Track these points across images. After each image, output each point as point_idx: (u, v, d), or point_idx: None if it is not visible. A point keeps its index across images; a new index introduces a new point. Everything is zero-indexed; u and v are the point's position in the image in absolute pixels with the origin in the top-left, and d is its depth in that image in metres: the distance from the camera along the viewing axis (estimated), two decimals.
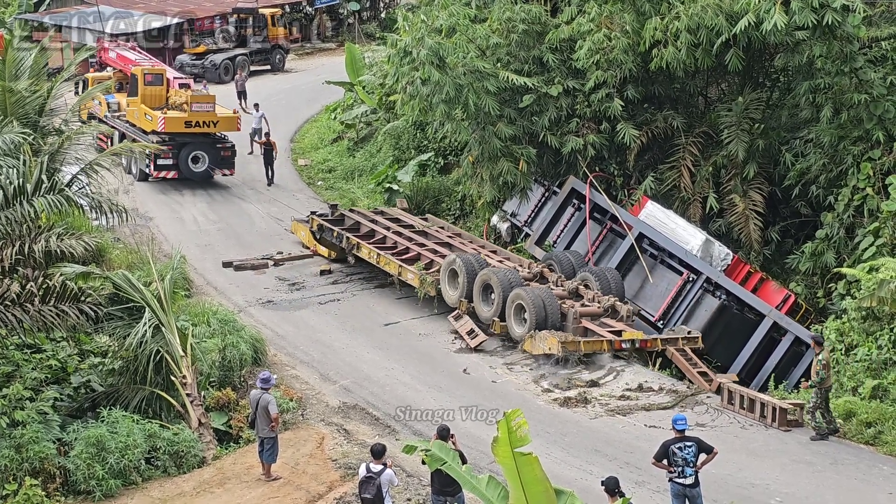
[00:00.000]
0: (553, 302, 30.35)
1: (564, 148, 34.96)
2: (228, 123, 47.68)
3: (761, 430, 25.53)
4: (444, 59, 33.69)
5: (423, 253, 35.04)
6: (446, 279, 32.86)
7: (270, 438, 23.55)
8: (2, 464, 22.46)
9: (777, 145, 33.11)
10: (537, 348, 29.63)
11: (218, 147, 47.51)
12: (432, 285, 33.23)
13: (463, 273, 32.21)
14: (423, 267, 34.12)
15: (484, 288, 31.70)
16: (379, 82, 51.10)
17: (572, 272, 33.02)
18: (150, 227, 41.94)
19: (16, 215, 23.17)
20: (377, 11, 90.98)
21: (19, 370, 25.82)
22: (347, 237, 36.72)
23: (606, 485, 18.08)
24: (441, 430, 20.25)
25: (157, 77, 49.00)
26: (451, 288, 32.72)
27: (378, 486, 19.69)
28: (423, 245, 35.78)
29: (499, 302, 31.07)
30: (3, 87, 33.75)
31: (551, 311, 30.10)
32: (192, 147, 46.81)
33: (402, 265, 34.33)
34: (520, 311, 30.48)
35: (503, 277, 31.29)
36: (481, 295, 31.76)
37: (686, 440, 20.30)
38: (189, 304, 32.63)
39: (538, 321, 29.87)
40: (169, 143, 46.27)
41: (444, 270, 33.01)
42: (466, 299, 32.20)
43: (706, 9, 31.14)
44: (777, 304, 30.89)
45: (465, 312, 32.21)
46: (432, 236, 37.02)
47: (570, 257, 33.89)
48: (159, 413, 25.69)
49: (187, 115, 46.36)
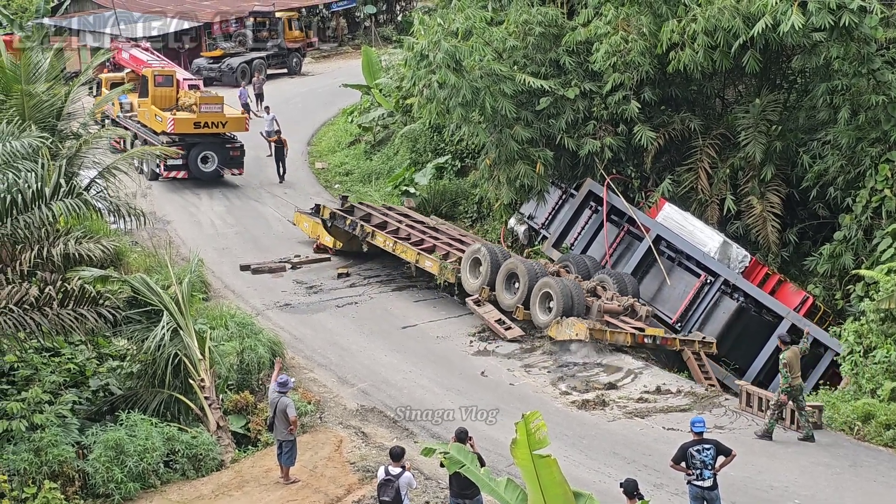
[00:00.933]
0: (580, 293, 31.10)
1: (581, 150, 34.94)
2: (237, 124, 48.45)
3: (779, 433, 25.44)
4: (460, 63, 33.69)
5: (439, 245, 35.64)
6: (468, 267, 33.53)
7: (289, 441, 23.57)
8: (21, 467, 22.52)
9: (795, 147, 33.04)
10: (563, 334, 30.18)
11: (227, 147, 48.22)
12: (452, 273, 33.80)
13: (487, 262, 32.90)
14: (440, 257, 34.64)
15: (508, 277, 32.45)
16: (396, 85, 51.14)
17: (588, 275, 33.34)
18: (167, 230, 42.03)
19: (34, 219, 23.22)
20: (394, 14, 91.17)
21: (38, 373, 25.85)
22: (362, 225, 37.23)
23: (625, 487, 18.14)
24: (459, 433, 20.26)
25: (167, 78, 49.72)
26: (472, 276, 33.38)
27: (397, 488, 19.74)
28: (436, 238, 36.45)
29: (524, 290, 31.76)
30: (21, 91, 33.85)
31: (578, 301, 30.82)
32: (202, 147, 47.47)
33: (421, 253, 35.01)
34: (545, 300, 31.17)
35: (530, 267, 32.19)
36: (505, 283, 32.48)
37: (704, 442, 20.24)
38: (207, 307, 32.66)
39: (565, 309, 30.51)
40: (179, 144, 46.58)
41: (466, 259, 33.70)
42: (489, 287, 32.76)
43: (723, 11, 31.07)
44: (795, 306, 30.87)
45: (486, 300, 32.72)
46: (443, 232, 37.65)
47: (586, 261, 34.22)
48: (177, 416, 25.72)
49: (196, 117, 47.11)
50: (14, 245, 24.28)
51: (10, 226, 22.93)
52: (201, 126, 47.16)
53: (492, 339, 31.80)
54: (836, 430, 25.57)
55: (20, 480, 22.43)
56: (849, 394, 27.12)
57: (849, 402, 26.16)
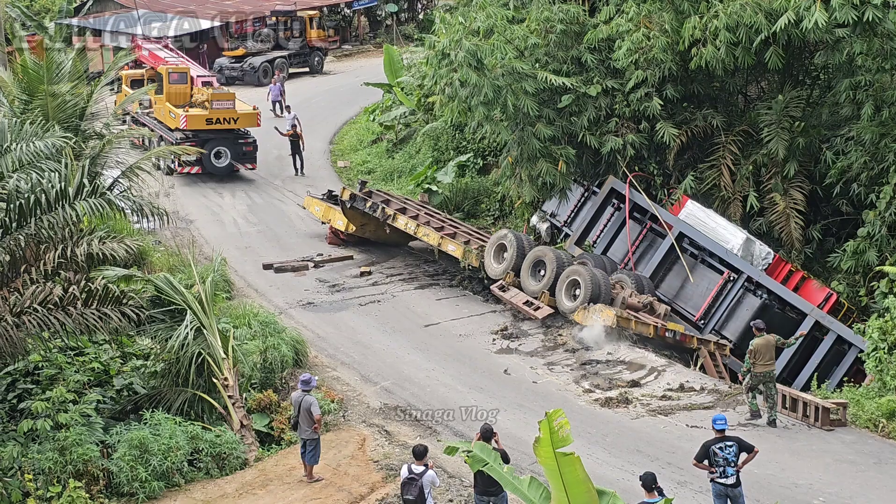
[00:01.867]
0: (607, 282, 31.88)
1: (604, 148, 34.88)
2: (248, 120, 49.26)
3: (804, 430, 25.40)
4: (481, 61, 33.66)
5: (459, 232, 36.48)
6: (492, 252, 34.37)
7: (313, 440, 23.62)
8: (46, 466, 22.61)
9: (818, 143, 32.91)
10: (590, 319, 30.85)
11: (240, 143, 49.24)
12: (476, 257, 34.66)
13: (513, 247, 33.74)
14: (463, 242, 35.38)
15: (535, 264, 33.21)
16: (417, 83, 51.14)
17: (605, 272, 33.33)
18: (190, 229, 42.15)
19: (58, 219, 23.28)
20: (415, 13, 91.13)
21: (62, 373, 25.96)
22: (384, 207, 37.83)
23: (644, 480, 18.35)
24: (485, 431, 20.30)
25: (181, 75, 50.64)
26: (495, 261, 34.20)
27: (420, 487, 19.80)
28: (456, 227, 37.28)
29: (550, 277, 32.52)
30: (45, 92, 33.99)
31: (605, 290, 31.58)
32: (215, 143, 48.33)
33: (445, 237, 35.82)
34: (572, 287, 31.97)
35: (558, 255, 33.04)
36: (530, 270, 33.22)
37: (727, 440, 20.25)
38: (230, 306, 32.74)
39: (592, 296, 31.26)
40: (192, 140, 47.37)
41: (491, 244, 34.59)
42: (514, 273, 33.48)
43: (745, 7, 31.00)
44: (819, 302, 30.79)
45: (510, 285, 33.42)
46: (460, 224, 38.50)
47: (604, 260, 34.56)
48: (201, 415, 25.78)
49: (208, 113, 48.02)
50: (38, 245, 24.37)
51: (34, 226, 23.00)
52: (213, 122, 48.04)
53: (515, 336, 31.81)
54: (860, 428, 25.51)
55: (45, 479, 22.52)
56: (873, 391, 27.08)
57: (873, 399, 26.10)
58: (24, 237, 23.14)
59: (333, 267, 38.34)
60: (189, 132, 47.91)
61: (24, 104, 34.50)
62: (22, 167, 24.04)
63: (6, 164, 23.81)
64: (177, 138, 47.69)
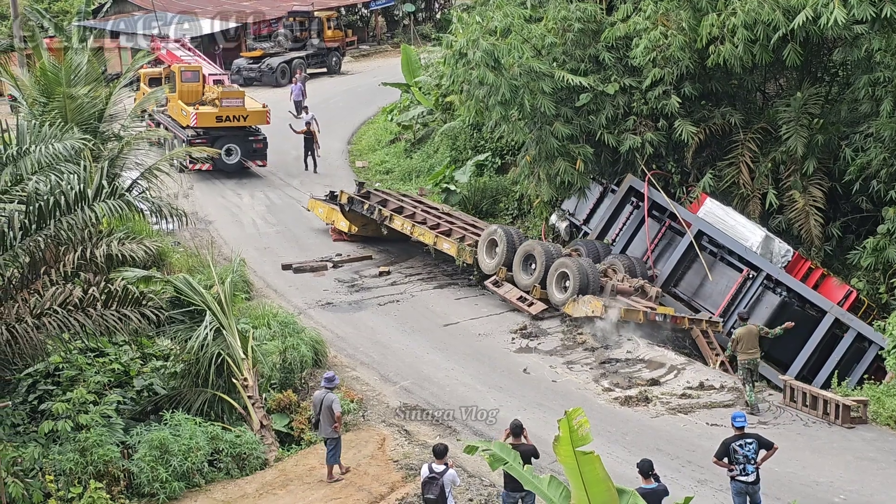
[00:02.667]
0: (595, 272, 32.53)
1: (622, 146, 34.84)
2: (258, 117, 50.01)
3: (824, 428, 25.35)
4: (498, 61, 33.67)
5: (455, 229, 36.98)
6: (484, 249, 35.08)
7: (333, 439, 23.67)
8: (67, 467, 22.66)
9: (837, 140, 32.79)
10: (580, 311, 31.71)
11: (250, 140, 50.09)
12: (470, 254, 35.26)
13: (503, 243, 34.40)
14: (458, 240, 36.01)
15: (525, 258, 33.90)
16: (435, 83, 51.17)
17: (598, 259, 34.43)
18: (209, 230, 42.25)
19: (77, 220, 23.31)
20: (432, 12, 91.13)
21: (83, 374, 26.05)
22: (380, 209, 38.66)
23: (640, 467, 18.97)
24: (514, 427, 20.48)
25: (194, 74, 51.58)
26: (488, 257, 35.01)
27: (441, 486, 19.91)
28: (451, 223, 37.75)
29: (540, 270, 33.24)
30: (63, 94, 34.07)
31: (593, 280, 32.25)
32: (225, 140, 49.28)
33: (439, 235, 36.49)
34: (562, 279, 32.65)
35: (546, 249, 33.75)
36: (521, 264, 33.96)
37: (746, 437, 20.33)
38: (249, 306, 32.79)
39: (581, 287, 31.92)
40: (203, 137, 48.31)
41: (483, 240, 35.24)
42: (505, 267, 34.19)
43: (763, 4, 30.91)
44: (839, 300, 30.70)
45: (502, 280, 34.16)
46: (457, 218, 38.91)
47: (597, 245, 35.39)
48: (221, 415, 25.82)
49: (218, 111, 48.91)
50: (57, 246, 24.43)
51: (53, 227, 23.03)
52: (223, 120, 48.97)
53: (534, 336, 31.80)
54: (881, 425, 25.47)
55: (66, 480, 22.57)
56: (894, 388, 27.09)
57: (894, 397, 26.12)
58: (43, 239, 23.17)
59: (352, 267, 38.40)
60: (200, 129, 48.76)
61: (42, 106, 34.58)
62: (41, 169, 24.10)
63: (25, 167, 23.88)
64: (188, 135, 48.51)
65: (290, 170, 50.73)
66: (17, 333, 22.74)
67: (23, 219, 22.85)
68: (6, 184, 23.49)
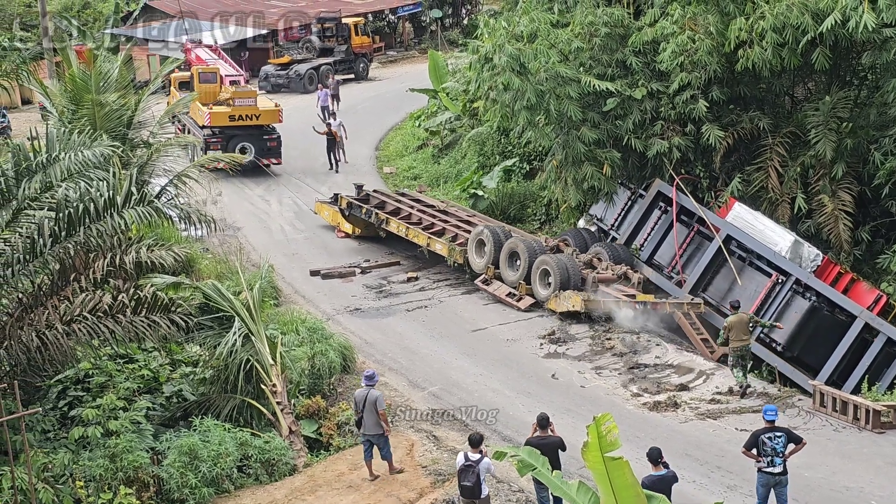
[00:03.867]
0: (575, 267, 33.96)
1: (649, 151, 34.75)
2: (270, 116, 51.67)
3: (854, 433, 25.24)
4: (524, 66, 33.69)
5: (448, 228, 38.32)
6: (473, 248, 36.53)
7: (379, 435, 23.76)
8: (97, 473, 22.74)
9: (866, 144, 32.61)
10: (562, 306, 33.18)
11: (264, 138, 51.50)
12: (460, 254, 36.67)
13: (490, 242, 35.84)
14: (449, 239, 37.42)
15: (510, 255, 35.40)
16: (462, 89, 51.19)
17: (585, 247, 36.12)
18: (237, 236, 42.39)
19: (107, 227, 23.43)
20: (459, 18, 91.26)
21: (113, 380, 26.16)
22: (377, 213, 40.28)
23: (650, 455, 19.73)
24: (541, 419, 20.93)
25: (211, 75, 53.56)
26: (477, 256, 36.44)
27: (477, 473, 20.48)
28: (446, 221, 39.06)
29: (524, 267, 34.67)
30: (92, 101, 34.26)
31: (573, 275, 33.68)
32: (240, 139, 50.85)
33: (431, 237, 37.95)
34: (545, 276, 34.10)
35: (529, 245, 35.12)
36: (507, 262, 35.48)
37: (776, 430, 20.73)
38: (278, 312, 32.87)
39: (562, 283, 33.40)
40: (219, 136, 50.35)
41: (471, 240, 36.65)
42: (493, 265, 35.71)
43: (791, 7, 30.80)
44: (868, 304, 30.51)
45: (491, 278, 35.60)
46: (452, 215, 40.20)
47: (584, 234, 37.22)
48: (250, 421, 25.89)
49: (231, 110, 50.41)
50: (87, 253, 24.59)
51: (82, 234, 23.16)
52: (236, 119, 50.52)
53: (562, 341, 31.79)
54: None
55: (96, 486, 22.65)
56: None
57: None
58: (73, 246, 23.32)
59: (380, 273, 38.45)
60: (215, 129, 50.19)
61: (72, 114, 34.81)
62: (70, 176, 24.21)
63: (55, 174, 23.99)
64: (205, 135, 49.88)
65: (319, 176, 50.90)
66: (47, 340, 22.87)
67: (52, 226, 22.99)
68: (36, 191, 23.62)
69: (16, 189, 23.63)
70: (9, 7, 76.33)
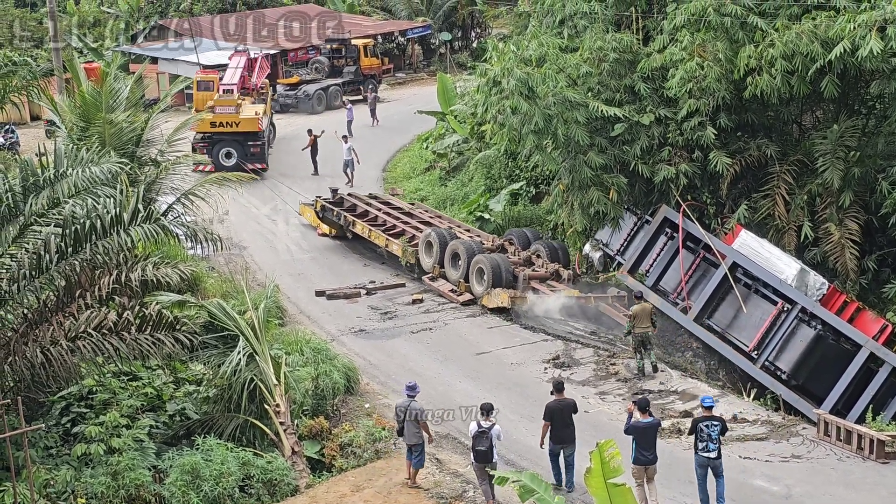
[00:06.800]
0: (507, 266, 36.91)
1: (656, 177, 34.74)
2: (250, 124, 54.87)
3: (858, 463, 25.16)
4: (533, 90, 33.72)
5: (407, 229, 41.65)
6: (423, 249, 39.70)
7: (419, 445, 24.34)
8: (99, 490, 22.75)
9: (873, 173, 32.57)
10: (493, 302, 36.17)
11: (248, 144, 54.95)
12: (413, 255, 39.80)
13: (436, 244, 39.07)
14: (407, 240, 40.67)
15: (453, 255, 38.44)
16: (470, 111, 51.22)
17: (527, 245, 39.46)
18: (243, 256, 42.45)
19: (113, 244, 23.46)
20: (469, 41, 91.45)
21: (116, 398, 26.18)
22: (345, 216, 43.49)
23: (639, 403, 23.00)
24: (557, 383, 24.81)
25: (208, 84, 58.36)
26: (427, 256, 39.57)
27: (490, 438, 22.81)
28: (407, 223, 42.42)
29: (464, 266, 37.70)
30: (102, 119, 34.34)
31: (505, 273, 36.59)
32: (224, 144, 54.58)
33: (389, 238, 41.19)
34: (480, 274, 36.96)
35: (468, 246, 38.09)
36: (451, 261, 38.49)
37: (713, 419, 22.81)
38: (282, 332, 32.88)
39: (494, 281, 36.32)
40: (206, 142, 54.23)
41: (421, 242, 39.88)
42: (439, 265, 38.89)
43: (801, 35, 30.84)
44: (874, 334, 30.45)
45: (438, 276, 38.74)
46: (416, 216, 43.53)
47: (527, 233, 40.60)
48: (253, 441, 25.87)
49: (213, 117, 53.56)
50: (93, 270, 24.60)
51: (89, 251, 23.20)
52: (217, 125, 54.26)
53: (567, 366, 31.76)
54: None
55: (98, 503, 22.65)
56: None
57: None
58: (79, 262, 23.34)
59: (385, 294, 38.48)
60: (203, 134, 53.61)
61: (81, 131, 34.91)
62: (78, 193, 24.25)
63: (62, 190, 24.04)
64: (192, 139, 52.80)
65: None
66: (51, 356, 22.89)
67: (59, 242, 23.02)
68: (43, 207, 23.67)
69: (23, 204, 23.68)
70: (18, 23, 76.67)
